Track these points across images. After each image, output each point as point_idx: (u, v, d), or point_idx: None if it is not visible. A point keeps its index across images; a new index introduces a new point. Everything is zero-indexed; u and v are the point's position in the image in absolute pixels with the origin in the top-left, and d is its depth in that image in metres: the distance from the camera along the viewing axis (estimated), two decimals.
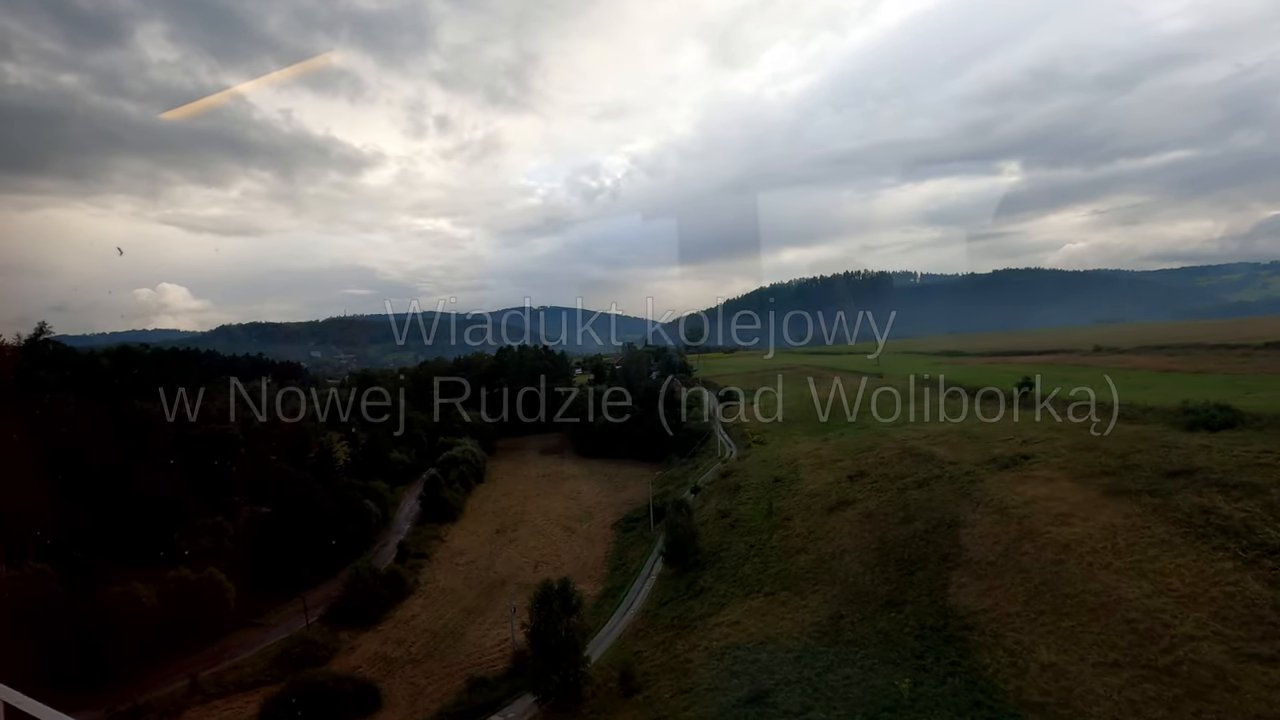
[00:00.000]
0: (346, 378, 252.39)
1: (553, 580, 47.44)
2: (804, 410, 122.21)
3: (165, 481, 69.26)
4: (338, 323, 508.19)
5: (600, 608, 63.08)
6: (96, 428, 73.83)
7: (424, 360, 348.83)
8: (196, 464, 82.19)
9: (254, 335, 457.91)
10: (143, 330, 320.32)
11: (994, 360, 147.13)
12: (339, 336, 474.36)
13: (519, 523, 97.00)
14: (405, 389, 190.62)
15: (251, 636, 63.56)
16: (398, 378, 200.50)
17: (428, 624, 64.32)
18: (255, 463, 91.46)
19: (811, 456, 79.73)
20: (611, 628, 56.60)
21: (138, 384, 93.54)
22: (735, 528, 64.50)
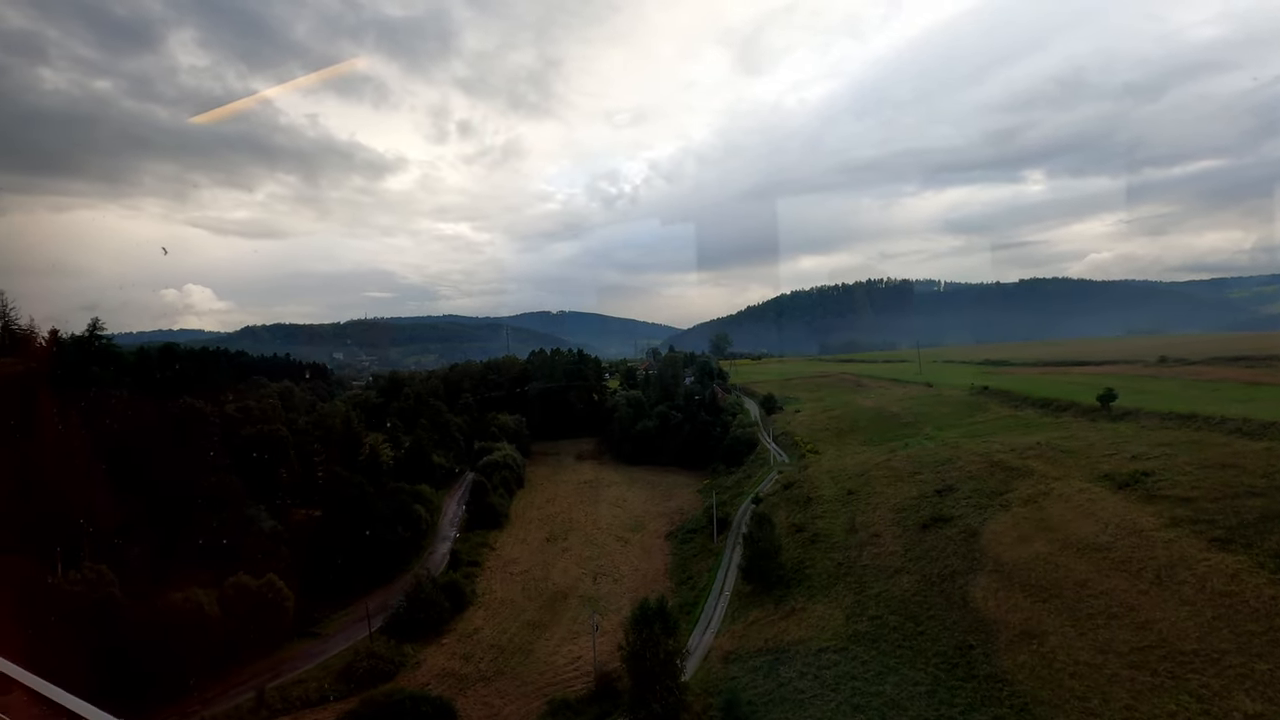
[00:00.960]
0: (370, 379, 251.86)
1: (650, 600, 44.36)
2: (855, 419, 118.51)
3: (222, 483, 67.08)
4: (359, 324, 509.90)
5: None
6: (150, 425, 71.97)
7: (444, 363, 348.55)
8: (246, 465, 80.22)
9: (278, 336, 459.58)
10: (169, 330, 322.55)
11: (1046, 370, 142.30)
12: (360, 338, 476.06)
13: (569, 531, 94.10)
14: (437, 392, 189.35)
15: (310, 647, 61.08)
16: (428, 380, 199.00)
17: (492, 638, 61.47)
18: (302, 464, 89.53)
19: (883, 468, 76.18)
20: (693, 648, 53.41)
21: (180, 382, 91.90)
22: (816, 543, 61.14)
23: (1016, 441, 71.61)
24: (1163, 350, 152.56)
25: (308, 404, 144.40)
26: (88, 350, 72.93)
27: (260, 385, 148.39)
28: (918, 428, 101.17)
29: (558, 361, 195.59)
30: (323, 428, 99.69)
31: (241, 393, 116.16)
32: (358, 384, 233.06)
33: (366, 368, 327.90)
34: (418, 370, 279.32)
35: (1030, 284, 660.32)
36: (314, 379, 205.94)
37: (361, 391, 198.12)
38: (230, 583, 57.61)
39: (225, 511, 65.35)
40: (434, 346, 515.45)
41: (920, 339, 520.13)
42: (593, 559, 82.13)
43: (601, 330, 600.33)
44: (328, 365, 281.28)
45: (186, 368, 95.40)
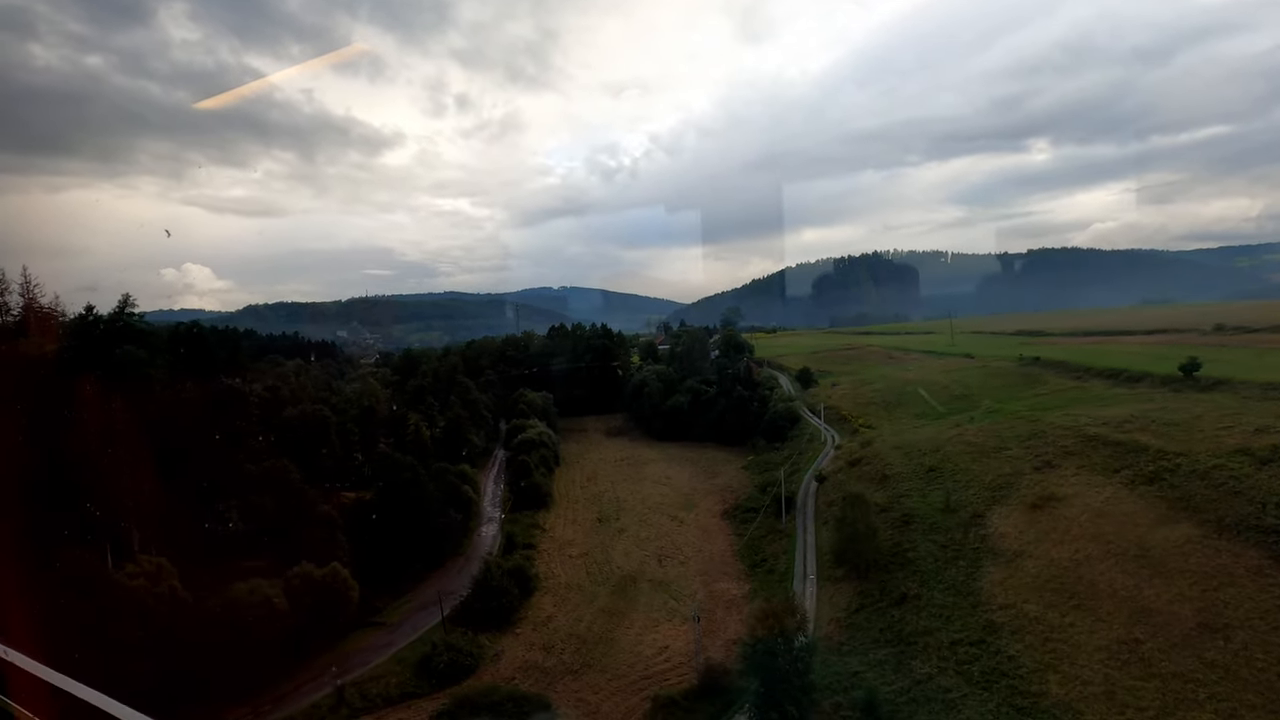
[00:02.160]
0: (378, 357, 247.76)
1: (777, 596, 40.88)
2: (901, 392, 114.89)
3: (277, 467, 63.41)
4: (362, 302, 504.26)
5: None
6: (194, 407, 68.11)
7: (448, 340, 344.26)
8: (289, 447, 76.59)
9: (280, 315, 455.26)
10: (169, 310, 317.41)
11: (1092, 340, 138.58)
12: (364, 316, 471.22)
13: (619, 511, 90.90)
14: (457, 369, 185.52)
15: (376, 639, 57.95)
16: (445, 357, 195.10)
17: (568, 626, 58.35)
18: (344, 445, 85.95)
19: (957, 443, 72.68)
20: None
21: (207, 362, 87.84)
22: (909, 524, 57.78)
23: (1102, 414, 67.98)
24: (1201, 319, 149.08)
25: (323, 383, 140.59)
26: (120, 329, 68.57)
27: (277, 364, 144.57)
28: (974, 400, 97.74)
29: (580, 337, 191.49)
30: (358, 407, 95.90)
31: (261, 373, 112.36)
32: (366, 362, 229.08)
33: (371, 346, 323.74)
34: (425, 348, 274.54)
35: (1039, 254, 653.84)
36: (323, 358, 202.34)
37: (375, 369, 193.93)
38: (295, 572, 54.23)
39: (281, 497, 61.71)
40: (437, 324, 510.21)
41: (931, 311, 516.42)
42: (651, 540, 78.96)
43: (604, 306, 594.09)
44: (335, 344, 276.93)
45: (211, 348, 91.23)
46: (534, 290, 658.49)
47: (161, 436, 62.90)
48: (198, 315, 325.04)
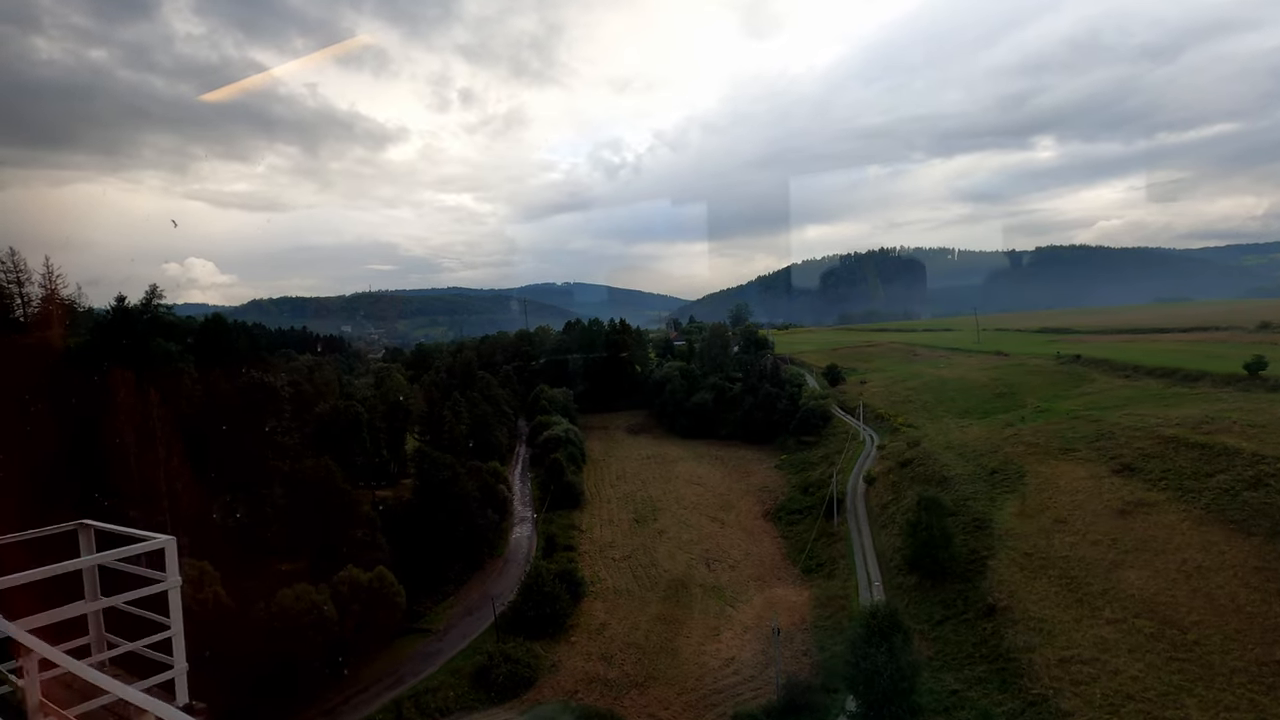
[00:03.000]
0: (384, 351, 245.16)
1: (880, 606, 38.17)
2: (938, 390, 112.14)
3: (318, 466, 60.68)
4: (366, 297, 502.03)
5: (827, 621, 54.20)
6: (230, 403, 65.39)
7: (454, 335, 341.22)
8: (325, 444, 73.99)
9: (284, 309, 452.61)
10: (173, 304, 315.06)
11: (1129, 338, 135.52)
12: (369, 311, 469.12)
13: (655, 511, 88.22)
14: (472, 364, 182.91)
15: (424, 646, 55.33)
16: (459, 352, 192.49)
17: (624, 634, 55.72)
18: (374, 441, 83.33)
19: (1016, 443, 70.06)
20: None
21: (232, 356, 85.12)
22: (983, 529, 55.07)
23: (1171, 414, 65.20)
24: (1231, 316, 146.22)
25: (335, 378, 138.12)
26: (149, 321, 65.81)
27: (289, 359, 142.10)
28: (1018, 399, 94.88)
29: (597, 332, 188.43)
30: (385, 402, 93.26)
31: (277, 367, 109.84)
32: (373, 357, 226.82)
33: (376, 341, 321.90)
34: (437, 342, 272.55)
35: (1046, 251, 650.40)
36: (331, 352, 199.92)
37: (385, 364, 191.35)
38: (342, 577, 51.53)
39: (321, 497, 58.98)
40: (441, 319, 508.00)
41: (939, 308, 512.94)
42: (694, 542, 76.30)
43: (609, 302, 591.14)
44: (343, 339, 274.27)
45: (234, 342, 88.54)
46: (538, 286, 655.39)
47: (194, 432, 60.27)
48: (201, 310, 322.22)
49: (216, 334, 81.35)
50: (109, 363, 57.68)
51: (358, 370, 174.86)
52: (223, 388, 66.15)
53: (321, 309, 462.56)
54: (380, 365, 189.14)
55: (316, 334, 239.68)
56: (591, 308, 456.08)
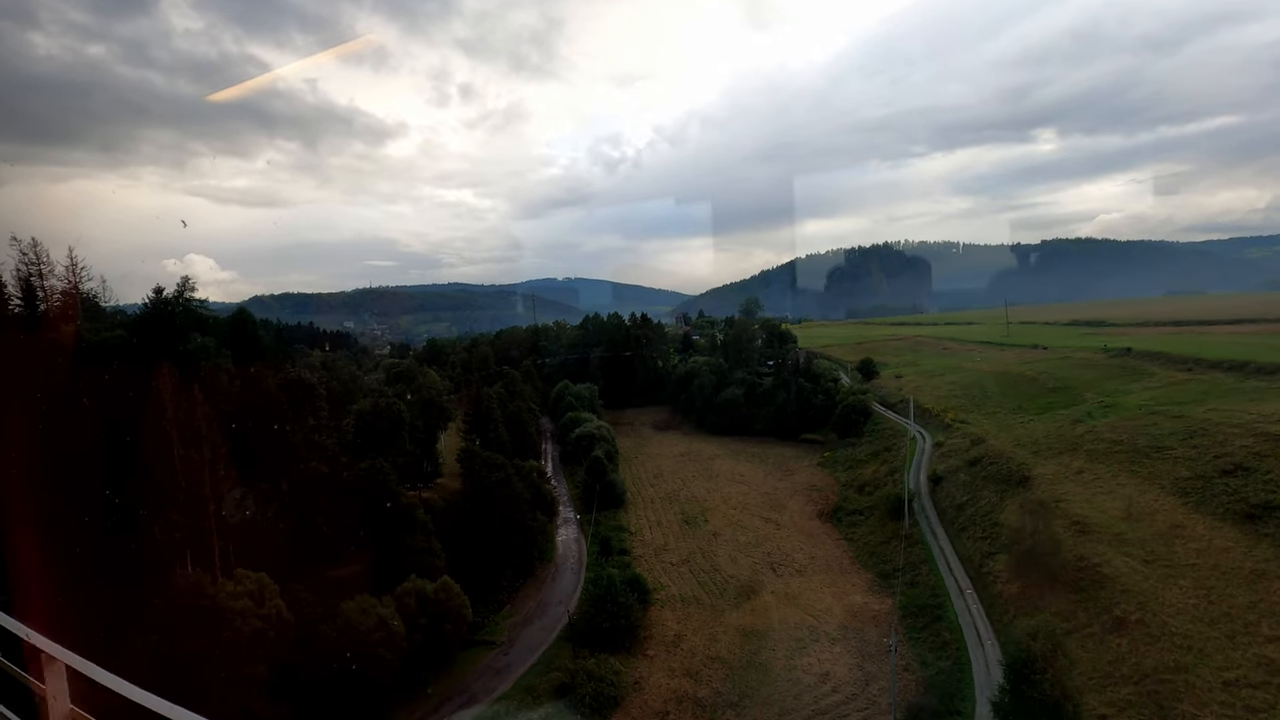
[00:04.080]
0: (389, 347, 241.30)
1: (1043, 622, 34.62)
2: (983, 384, 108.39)
3: (374, 468, 56.92)
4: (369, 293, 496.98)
5: (922, 634, 50.70)
6: (272, 401, 61.61)
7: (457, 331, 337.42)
8: (367, 444, 70.31)
9: (286, 306, 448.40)
10: None
11: (1172, 330, 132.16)
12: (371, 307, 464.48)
13: (702, 511, 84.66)
14: (488, 359, 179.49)
15: (490, 660, 51.74)
16: (474, 347, 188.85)
17: (703, 647, 52.18)
18: (413, 441, 79.58)
19: (1099, 441, 66.63)
20: (984, 667, 44.11)
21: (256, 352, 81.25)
22: (1088, 533, 51.50)
23: (1267, 410, 61.76)
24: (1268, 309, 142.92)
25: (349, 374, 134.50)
26: (185, 315, 61.83)
27: (303, 354, 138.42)
28: (1074, 393, 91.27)
29: (616, 327, 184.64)
30: (420, 399, 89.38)
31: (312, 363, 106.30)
32: (380, 353, 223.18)
33: (379, 337, 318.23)
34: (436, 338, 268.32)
35: (1052, 245, 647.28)
36: (340, 348, 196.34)
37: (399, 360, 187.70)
38: (406, 588, 47.88)
39: (374, 500, 55.25)
40: (444, 315, 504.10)
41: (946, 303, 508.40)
42: (753, 545, 72.77)
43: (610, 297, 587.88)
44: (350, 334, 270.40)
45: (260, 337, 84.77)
46: (539, 282, 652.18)
47: (233, 433, 56.50)
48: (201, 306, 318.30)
49: (244, 329, 77.53)
50: (149, 359, 53.84)
51: (365, 366, 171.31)
52: (262, 384, 62.33)
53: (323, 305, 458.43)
54: (392, 361, 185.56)
55: (324, 330, 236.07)
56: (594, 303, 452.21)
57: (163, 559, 48.13)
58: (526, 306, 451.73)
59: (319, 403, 70.64)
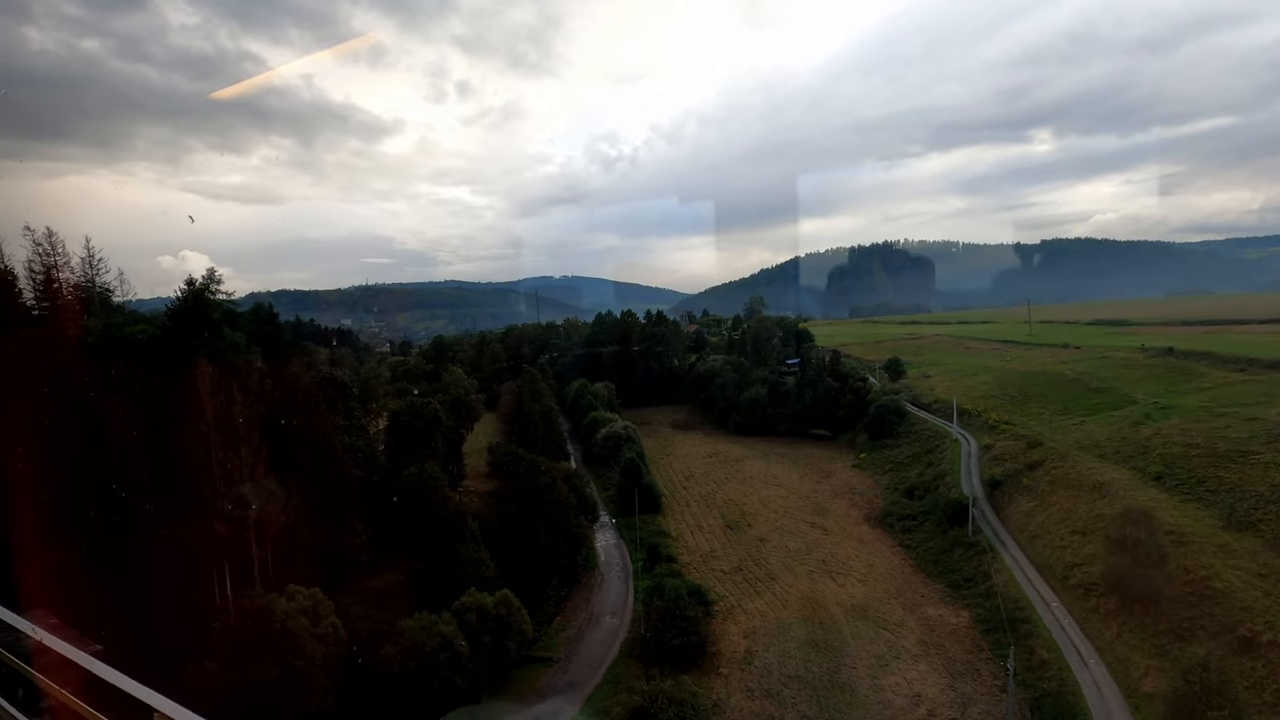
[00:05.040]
0: (389, 345, 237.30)
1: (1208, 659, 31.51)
2: (1021, 385, 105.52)
3: (424, 472, 53.37)
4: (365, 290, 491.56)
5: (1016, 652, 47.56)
6: (296, 399, 58.01)
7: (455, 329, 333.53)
8: (401, 446, 66.84)
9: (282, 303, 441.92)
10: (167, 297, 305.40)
11: (1204, 330, 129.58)
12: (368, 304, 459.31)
13: (743, 516, 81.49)
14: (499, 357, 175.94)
15: (550, 678, 48.36)
16: (483, 345, 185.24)
17: (776, 665, 48.93)
18: (446, 441, 76.11)
19: (1171, 444, 63.80)
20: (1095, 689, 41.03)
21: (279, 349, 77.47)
22: (1186, 544, 48.55)
23: None
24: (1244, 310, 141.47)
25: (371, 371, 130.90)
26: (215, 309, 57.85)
27: (312, 352, 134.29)
28: (1121, 394, 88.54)
29: (631, 325, 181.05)
30: (448, 396, 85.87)
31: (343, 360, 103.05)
32: (382, 350, 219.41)
33: (377, 334, 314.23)
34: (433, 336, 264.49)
35: (1052, 245, 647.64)
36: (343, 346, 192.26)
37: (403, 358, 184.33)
38: (466, 603, 44.39)
39: (423, 506, 51.72)
40: (441, 312, 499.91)
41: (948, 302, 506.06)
42: (804, 552, 69.66)
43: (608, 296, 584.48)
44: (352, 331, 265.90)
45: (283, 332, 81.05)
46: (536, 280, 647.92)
47: (270, 433, 52.90)
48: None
49: (267, 325, 73.74)
50: (182, 356, 50.17)
51: (368, 364, 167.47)
52: (296, 383, 58.72)
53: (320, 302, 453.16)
54: (398, 359, 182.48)
55: (326, 327, 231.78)
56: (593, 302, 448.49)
57: (203, 568, 44.66)
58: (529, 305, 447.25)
59: (351, 402, 67.19)
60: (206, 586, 45.55)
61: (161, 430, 46.35)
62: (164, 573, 42.31)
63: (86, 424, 46.43)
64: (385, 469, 66.95)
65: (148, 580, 41.49)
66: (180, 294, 52.49)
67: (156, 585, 41.65)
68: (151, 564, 42.28)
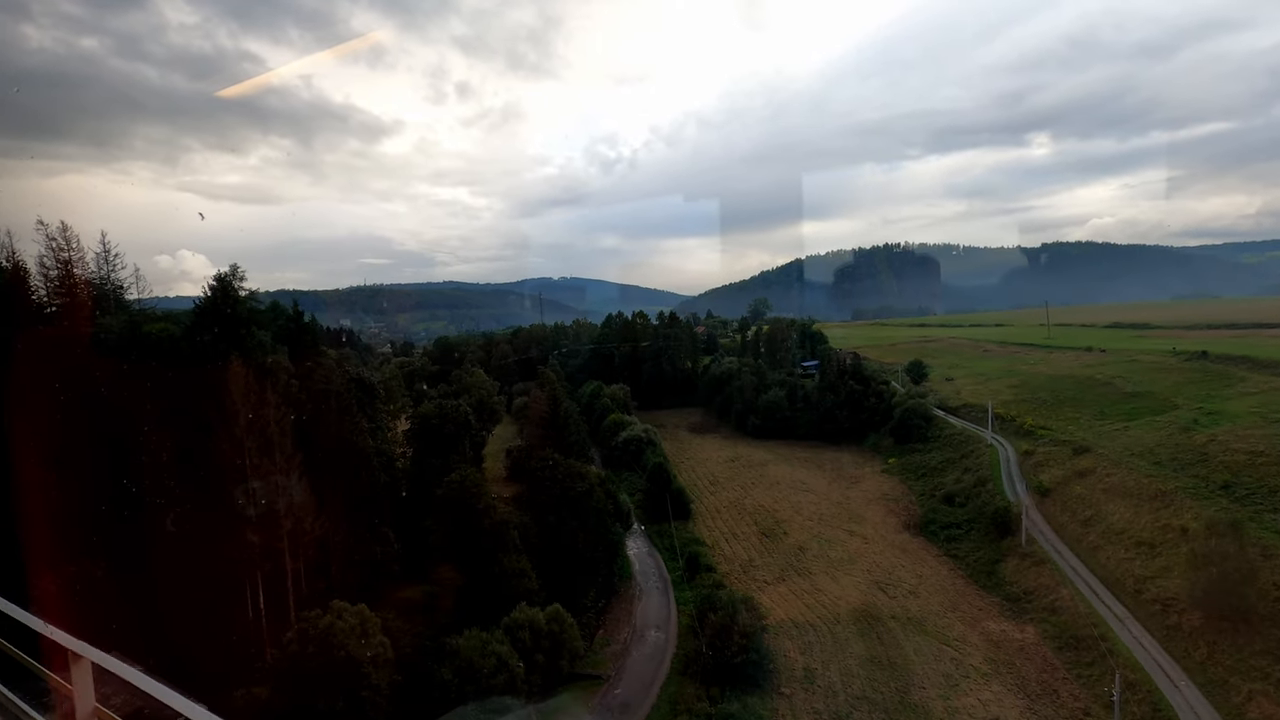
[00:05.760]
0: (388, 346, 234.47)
1: None
2: (1053, 389, 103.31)
3: (465, 479, 50.60)
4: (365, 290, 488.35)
5: (1090, 670, 45.12)
6: (328, 402, 55.24)
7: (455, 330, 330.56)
8: (428, 450, 64.17)
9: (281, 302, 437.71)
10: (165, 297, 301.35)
11: (1240, 333, 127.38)
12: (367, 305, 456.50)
13: (778, 523, 78.90)
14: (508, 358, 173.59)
15: (602, 696, 45.61)
16: (490, 346, 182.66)
17: (840, 684, 46.32)
18: (473, 446, 73.42)
19: (1234, 452, 61.52)
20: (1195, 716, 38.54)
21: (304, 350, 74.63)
22: (1272, 558, 46.14)
23: None
24: None
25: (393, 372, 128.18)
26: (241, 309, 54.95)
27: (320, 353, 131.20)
28: (1160, 399, 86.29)
29: (644, 327, 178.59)
30: (473, 399, 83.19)
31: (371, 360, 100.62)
32: (385, 351, 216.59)
33: (377, 334, 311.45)
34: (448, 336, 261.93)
35: (1054, 248, 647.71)
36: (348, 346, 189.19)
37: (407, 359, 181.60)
38: (518, 619, 41.66)
39: (465, 515, 48.94)
40: (441, 313, 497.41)
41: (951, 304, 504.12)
42: (847, 562, 67.14)
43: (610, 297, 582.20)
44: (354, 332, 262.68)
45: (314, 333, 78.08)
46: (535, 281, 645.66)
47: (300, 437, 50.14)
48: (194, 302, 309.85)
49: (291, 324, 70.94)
50: (210, 356, 47.44)
51: (371, 364, 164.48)
52: (326, 384, 55.95)
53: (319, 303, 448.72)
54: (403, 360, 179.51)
55: (327, 327, 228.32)
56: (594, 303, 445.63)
57: (236, 581, 41.94)
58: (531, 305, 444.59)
59: (377, 404, 64.52)
60: (239, 600, 42.87)
61: (191, 434, 43.63)
62: (195, 586, 39.64)
63: (109, 426, 43.67)
64: (411, 474, 64.42)
65: (178, 594, 38.77)
66: (208, 290, 49.63)
67: (188, 599, 38.96)
68: (181, 576, 39.58)
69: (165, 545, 40.56)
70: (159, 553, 40.43)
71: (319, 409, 53.88)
